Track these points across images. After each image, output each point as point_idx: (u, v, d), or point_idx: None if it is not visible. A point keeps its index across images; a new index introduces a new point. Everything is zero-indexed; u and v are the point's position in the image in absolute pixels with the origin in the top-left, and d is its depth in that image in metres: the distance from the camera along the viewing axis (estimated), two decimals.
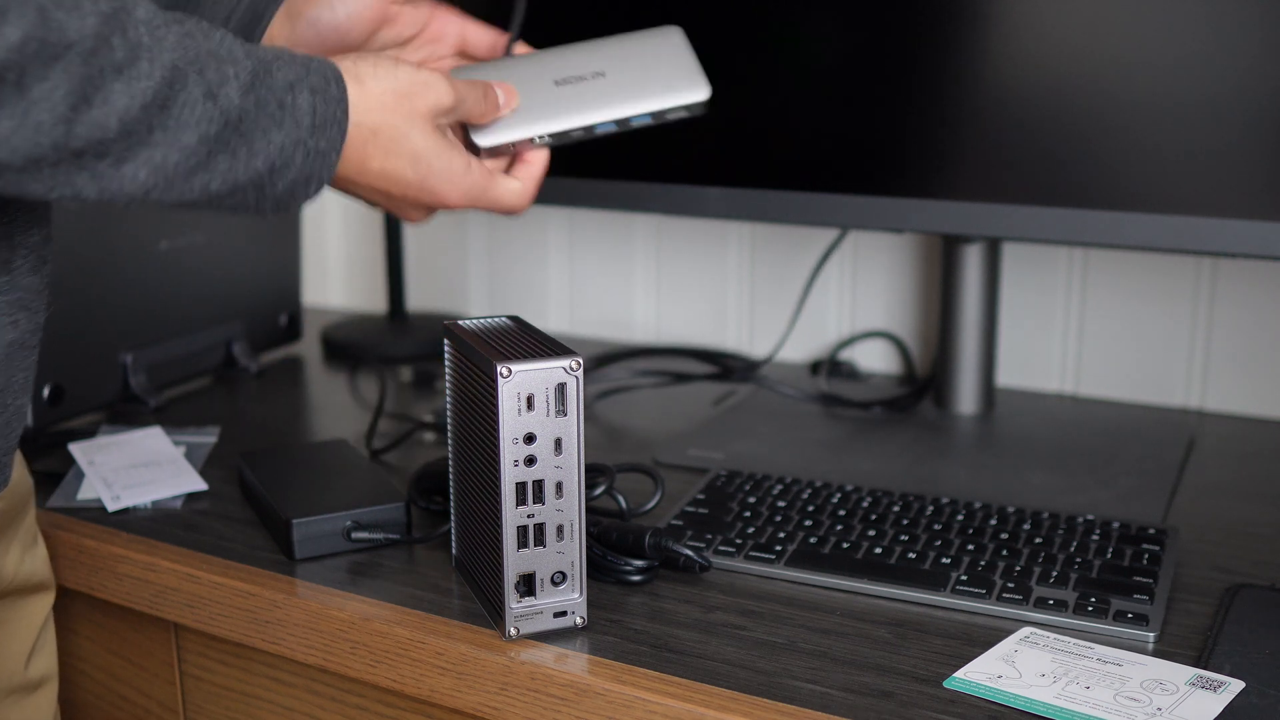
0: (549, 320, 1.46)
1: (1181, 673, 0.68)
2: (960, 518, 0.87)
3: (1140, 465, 1.00)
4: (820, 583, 0.80)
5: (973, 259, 1.09)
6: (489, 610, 0.76)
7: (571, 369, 0.71)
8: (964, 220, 0.96)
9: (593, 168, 1.11)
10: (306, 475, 0.91)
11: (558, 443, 0.71)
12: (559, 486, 0.72)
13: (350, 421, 1.13)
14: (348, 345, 1.36)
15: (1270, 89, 0.86)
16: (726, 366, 1.25)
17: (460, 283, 1.51)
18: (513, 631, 0.73)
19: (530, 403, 0.70)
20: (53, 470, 0.98)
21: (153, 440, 1.01)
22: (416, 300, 1.53)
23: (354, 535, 0.84)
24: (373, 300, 1.57)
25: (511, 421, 0.70)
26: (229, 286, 1.26)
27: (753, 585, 0.80)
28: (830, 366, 1.25)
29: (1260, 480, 0.98)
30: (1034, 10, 0.93)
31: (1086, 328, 1.19)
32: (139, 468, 0.97)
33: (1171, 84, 0.89)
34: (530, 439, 0.71)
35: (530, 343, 0.74)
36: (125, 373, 1.13)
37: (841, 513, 0.88)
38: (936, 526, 0.85)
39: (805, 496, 0.90)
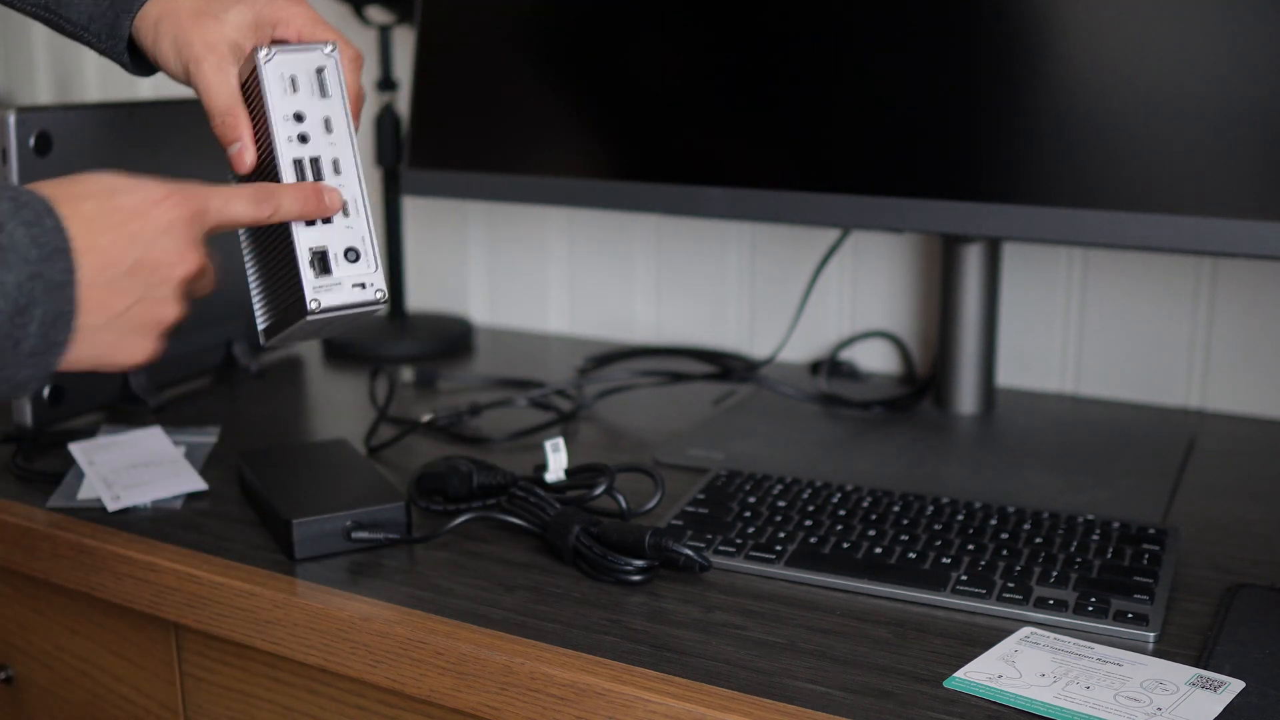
0: (549, 320, 1.46)
1: (1181, 673, 0.68)
2: (960, 518, 0.87)
3: (1140, 465, 1.00)
4: (820, 583, 0.80)
5: (973, 259, 1.09)
6: (287, 313, 0.77)
7: (328, 53, 0.76)
8: (964, 220, 0.96)
9: (593, 168, 1.11)
10: (306, 475, 0.91)
11: (326, 122, 0.75)
12: (335, 164, 0.75)
13: (350, 421, 1.13)
14: (348, 345, 1.36)
15: (1270, 89, 0.86)
16: (726, 366, 1.25)
17: (460, 283, 1.51)
18: (313, 304, 0.74)
19: (295, 85, 0.74)
20: (53, 470, 0.98)
21: (153, 440, 1.01)
22: (416, 300, 1.53)
23: (354, 535, 0.84)
24: None
25: (279, 103, 0.74)
26: (229, 286, 1.25)
27: (753, 585, 0.80)
28: (830, 366, 1.25)
29: (1260, 480, 0.98)
30: (1033, 12, 0.93)
31: (1086, 328, 1.19)
32: (139, 468, 0.97)
33: (1172, 84, 0.89)
34: (300, 118, 0.74)
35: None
36: (125, 373, 1.13)
37: (841, 513, 0.88)
38: (936, 526, 0.85)
39: (805, 496, 0.90)
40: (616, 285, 1.41)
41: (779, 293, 1.31)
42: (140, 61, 0.86)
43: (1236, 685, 0.67)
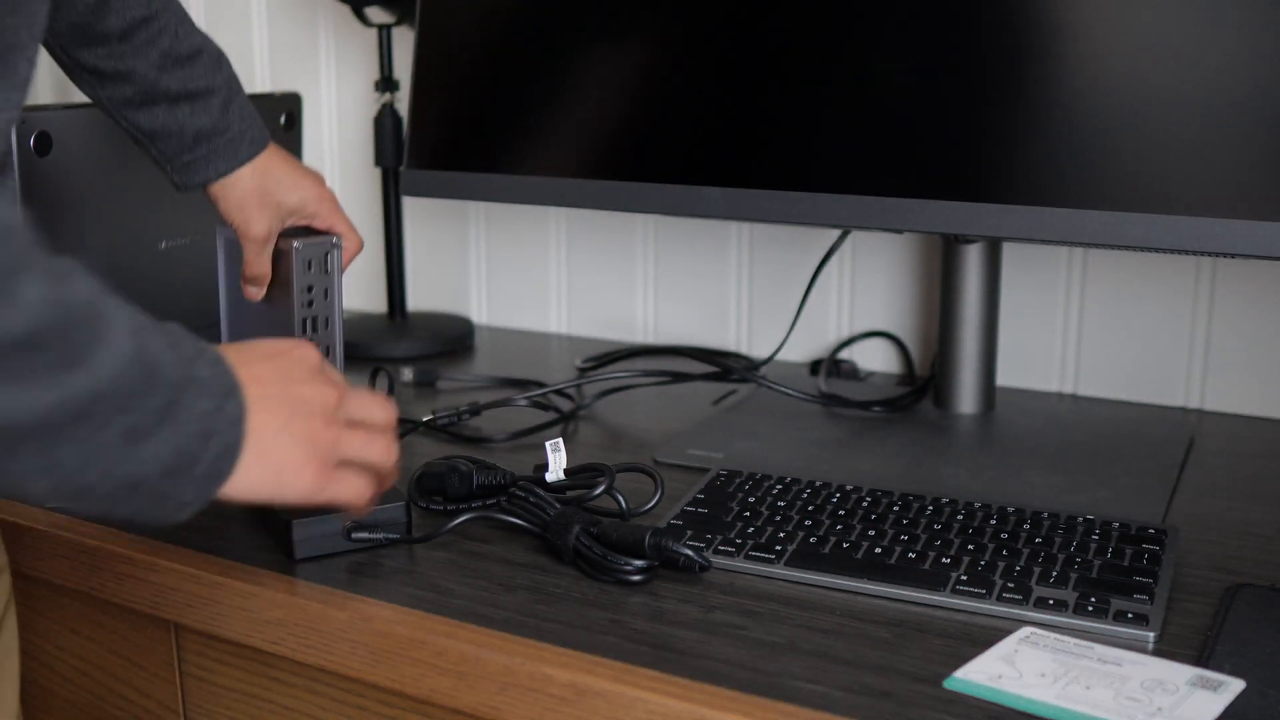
0: (549, 320, 1.46)
1: (1181, 673, 0.68)
2: (960, 518, 0.87)
3: (1140, 465, 1.00)
4: (820, 583, 0.80)
5: (973, 259, 1.09)
6: None
7: (335, 242, 0.96)
8: (964, 220, 0.96)
9: (592, 168, 1.11)
10: None
11: (325, 292, 0.96)
12: (327, 321, 0.97)
13: None
14: (349, 345, 1.36)
15: (1270, 89, 0.86)
16: (726, 366, 1.25)
17: (460, 283, 1.51)
18: None
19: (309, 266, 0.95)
20: None
21: None
22: (416, 300, 1.53)
23: (354, 535, 0.84)
24: (373, 300, 1.57)
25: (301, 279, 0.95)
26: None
27: (753, 585, 0.80)
28: (830, 366, 1.25)
29: (1260, 480, 0.98)
30: (1034, 12, 0.93)
31: (1086, 328, 1.19)
32: None
33: (1172, 84, 0.89)
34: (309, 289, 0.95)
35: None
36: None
37: (841, 513, 0.88)
38: (936, 526, 0.85)
39: (805, 496, 0.90)
40: (616, 285, 1.41)
41: (779, 293, 1.32)
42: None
43: (1236, 685, 0.67)
